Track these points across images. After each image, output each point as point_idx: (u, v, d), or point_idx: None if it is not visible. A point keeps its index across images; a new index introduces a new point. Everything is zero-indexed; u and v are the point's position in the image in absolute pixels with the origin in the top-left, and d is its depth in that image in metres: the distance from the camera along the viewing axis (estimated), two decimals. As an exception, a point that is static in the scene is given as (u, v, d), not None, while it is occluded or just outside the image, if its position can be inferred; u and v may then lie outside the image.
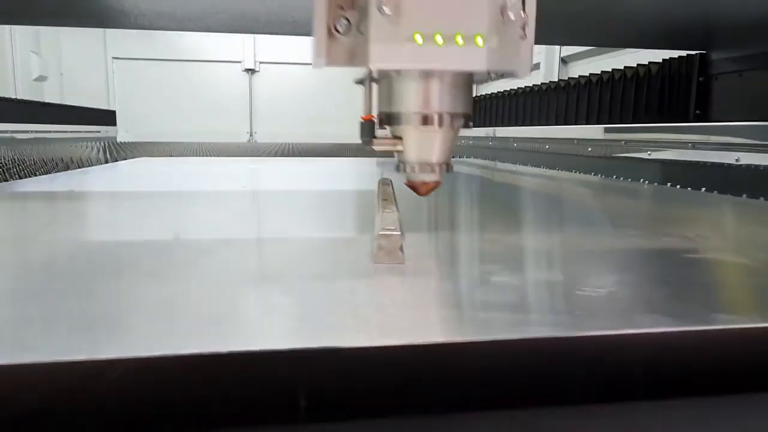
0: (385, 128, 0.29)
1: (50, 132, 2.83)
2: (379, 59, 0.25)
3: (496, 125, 1.59)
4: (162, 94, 4.00)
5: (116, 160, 1.22)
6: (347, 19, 0.26)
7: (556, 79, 1.55)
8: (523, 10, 0.26)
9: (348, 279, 0.24)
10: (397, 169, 0.30)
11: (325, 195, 0.59)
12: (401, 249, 0.25)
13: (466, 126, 0.29)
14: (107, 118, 3.70)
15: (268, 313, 0.20)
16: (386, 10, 0.24)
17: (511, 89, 1.53)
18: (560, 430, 0.16)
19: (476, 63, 0.25)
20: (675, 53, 0.95)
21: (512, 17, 0.24)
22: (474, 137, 1.79)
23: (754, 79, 0.75)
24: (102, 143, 2.81)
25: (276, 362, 0.17)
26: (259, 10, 0.64)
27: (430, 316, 0.20)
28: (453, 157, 0.30)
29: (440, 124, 0.28)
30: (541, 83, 1.34)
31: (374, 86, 0.29)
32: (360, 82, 0.29)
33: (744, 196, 0.62)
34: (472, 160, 1.41)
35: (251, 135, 4.17)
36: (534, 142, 1.30)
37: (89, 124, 3.44)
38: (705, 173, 0.75)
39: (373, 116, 0.29)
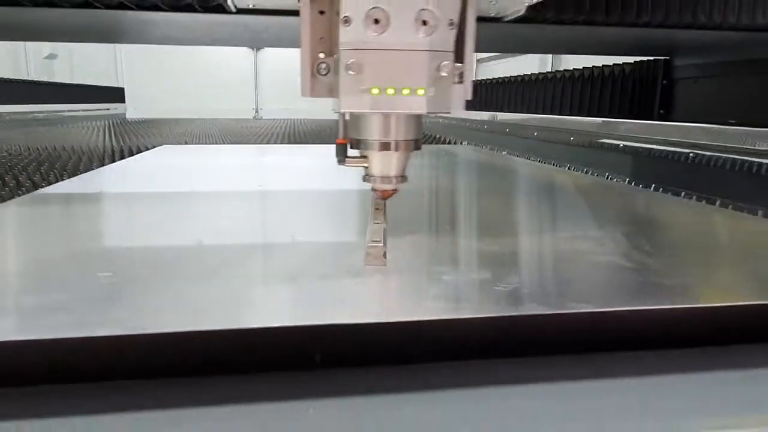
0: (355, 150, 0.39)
1: (63, 111, 2.92)
2: (347, 106, 0.34)
3: (495, 110, 1.68)
4: (168, 71, 4.05)
5: (139, 150, 1.31)
6: (327, 64, 0.36)
7: (550, 67, 1.61)
8: (463, 60, 0.35)
9: (346, 278, 0.34)
10: (364, 179, 0.39)
11: (333, 195, 0.68)
12: (384, 255, 0.36)
13: (416, 148, 0.38)
14: (116, 95, 3.78)
15: (298, 297, 0.31)
16: (351, 72, 0.33)
17: (510, 77, 1.60)
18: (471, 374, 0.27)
19: (419, 108, 0.34)
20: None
21: (445, 74, 0.34)
22: (474, 120, 1.88)
23: (706, 86, 0.84)
24: (113, 122, 2.90)
25: (299, 333, 0.28)
26: (270, 36, 0.73)
27: (394, 303, 0.31)
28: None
29: (396, 148, 0.37)
30: (532, 74, 1.42)
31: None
32: (336, 112, 0.38)
33: (683, 194, 0.72)
34: (465, 146, 1.50)
35: (257, 111, 4.24)
36: (522, 128, 1.39)
37: (99, 101, 3.53)
38: (664, 165, 0.85)
39: (346, 140, 0.38)
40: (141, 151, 1.30)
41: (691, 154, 0.80)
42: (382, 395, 0.26)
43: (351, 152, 0.38)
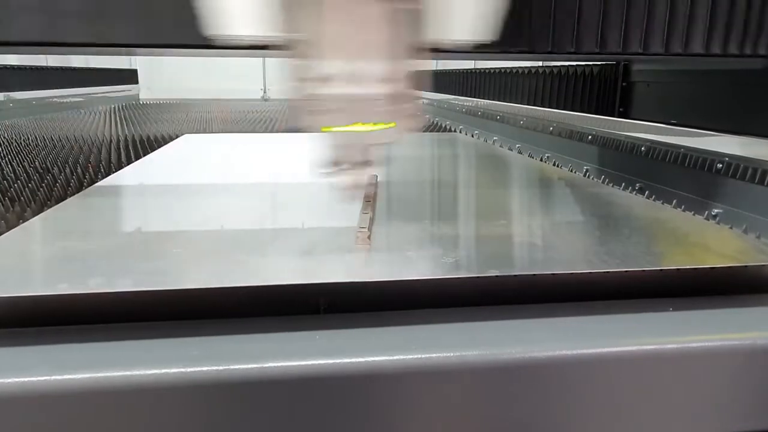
0: None
1: (78, 96, 3.05)
2: None
3: (482, 98, 1.80)
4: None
5: (160, 137, 1.44)
6: None
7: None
8: None
9: (341, 251, 0.48)
10: None
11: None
12: (369, 238, 0.50)
13: None
14: (130, 77, 3.91)
15: (308, 261, 0.45)
16: None
17: (498, 68, 1.72)
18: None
19: None
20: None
21: None
22: (467, 106, 2.00)
23: (657, 90, 0.97)
24: (127, 104, 3.03)
25: (310, 288, 0.42)
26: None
27: (375, 269, 0.45)
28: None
29: None
30: (513, 67, 1.54)
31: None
32: None
33: (624, 185, 0.85)
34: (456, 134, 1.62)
35: (264, 92, 4.35)
36: (511, 116, 1.52)
37: (114, 84, 3.65)
38: (619, 156, 0.99)
39: None
40: (161, 138, 1.44)
41: (643, 147, 0.93)
42: (365, 328, 0.39)
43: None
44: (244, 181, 0.84)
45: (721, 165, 0.77)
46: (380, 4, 0.41)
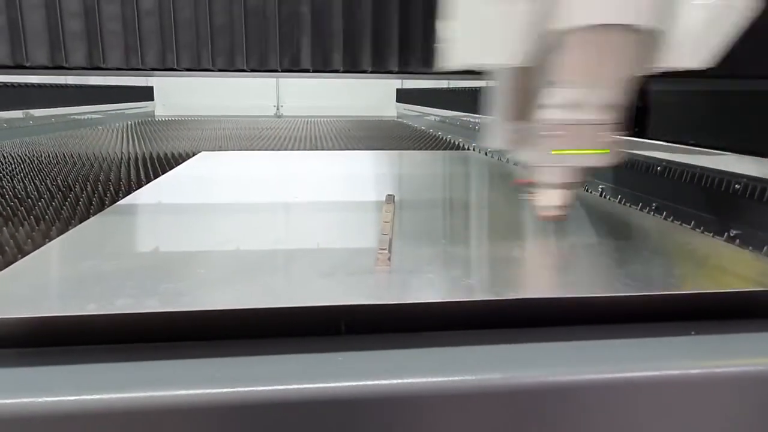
0: None
1: (96, 113, 3.11)
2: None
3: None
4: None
5: (177, 155, 1.46)
6: None
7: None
8: None
9: (361, 273, 0.49)
10: None
11: (362, 206, 0.82)
12: (389, 259, 0.50)
13: None
14: (145, 93, 3.97)
15: (329, 282, 0.45)
16: None
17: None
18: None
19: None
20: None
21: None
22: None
23: (671, 110, 0.97)
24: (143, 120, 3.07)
25: (331, 309, 0.42)
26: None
27: (395, 290, 0.45)
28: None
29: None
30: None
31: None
32: None
33: (639, 204, 0.85)
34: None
35: (278, 109, 4.40)
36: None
37: (130, 101, 3.71)
38: (633, 174, 0.99)
39: None
40: (178, 155, 1.46)
41: (659, 167, 0.93)
42: (386, 350, 0.39)
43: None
44: (262, 200, 0.85)
45: (738, 186, 0.77)
46: (622, 34, 0.39)
